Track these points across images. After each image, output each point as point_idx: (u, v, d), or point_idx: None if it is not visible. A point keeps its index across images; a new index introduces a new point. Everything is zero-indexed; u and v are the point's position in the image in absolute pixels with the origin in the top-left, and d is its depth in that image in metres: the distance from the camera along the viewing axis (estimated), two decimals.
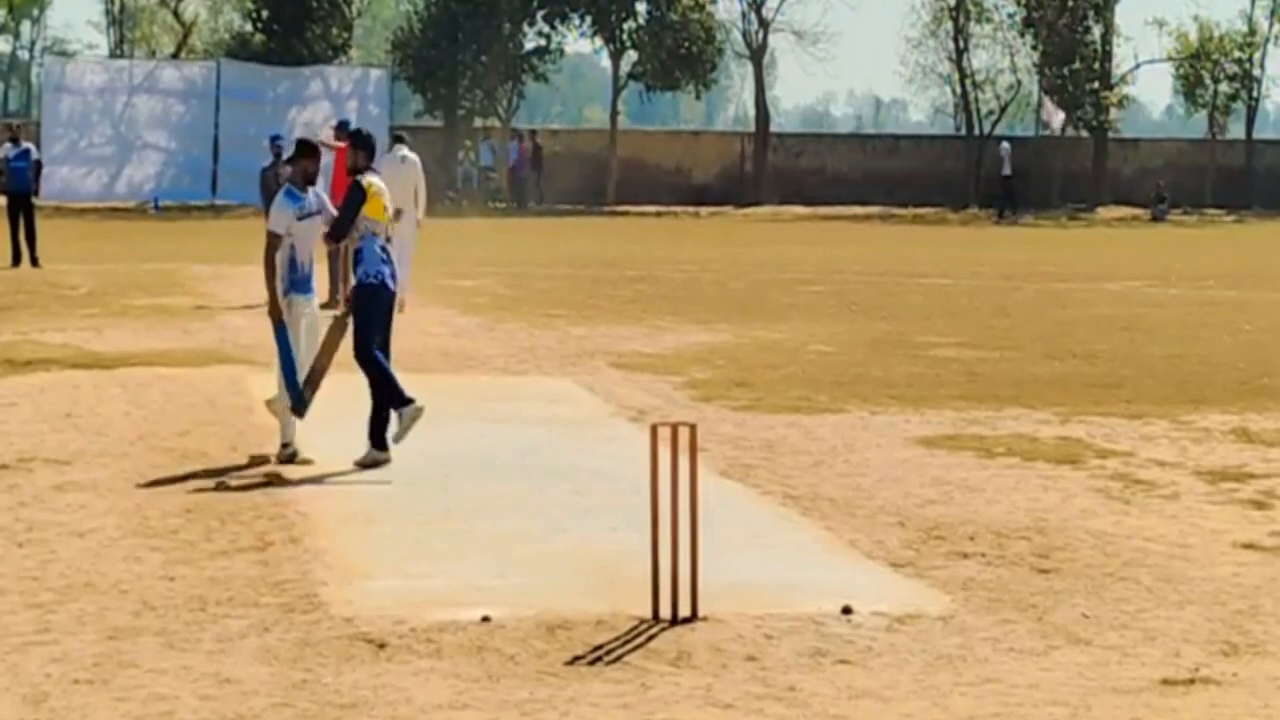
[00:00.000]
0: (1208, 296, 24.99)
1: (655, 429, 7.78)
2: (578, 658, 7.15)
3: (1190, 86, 58.72)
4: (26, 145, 27.79)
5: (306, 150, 11.76)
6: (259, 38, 53.37)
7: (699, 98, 66.50)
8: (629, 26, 54.78)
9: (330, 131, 21.54)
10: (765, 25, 57.17)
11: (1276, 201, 54.65)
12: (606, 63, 58.82)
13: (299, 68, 50.30)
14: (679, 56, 54.42)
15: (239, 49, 53.58)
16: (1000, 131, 57.25)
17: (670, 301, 22.80)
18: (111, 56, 62.63)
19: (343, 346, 11.56)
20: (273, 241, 11.35)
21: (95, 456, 11.28)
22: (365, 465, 11.13)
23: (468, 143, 52.21)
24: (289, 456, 11.24)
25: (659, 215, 48.70)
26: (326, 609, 7.78)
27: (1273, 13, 58.97)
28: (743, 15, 56.97)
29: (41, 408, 13.21)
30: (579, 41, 58.14)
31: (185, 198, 47.45)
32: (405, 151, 20.87)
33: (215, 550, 8.87)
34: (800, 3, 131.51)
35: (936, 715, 6.54)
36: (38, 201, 28.15)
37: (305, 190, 11.59)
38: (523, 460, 11.42)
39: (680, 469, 7.71)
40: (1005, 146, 52.09)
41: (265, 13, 53.10)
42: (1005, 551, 9.14)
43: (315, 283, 11.77)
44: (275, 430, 11.86)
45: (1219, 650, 7.42)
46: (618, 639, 7.39)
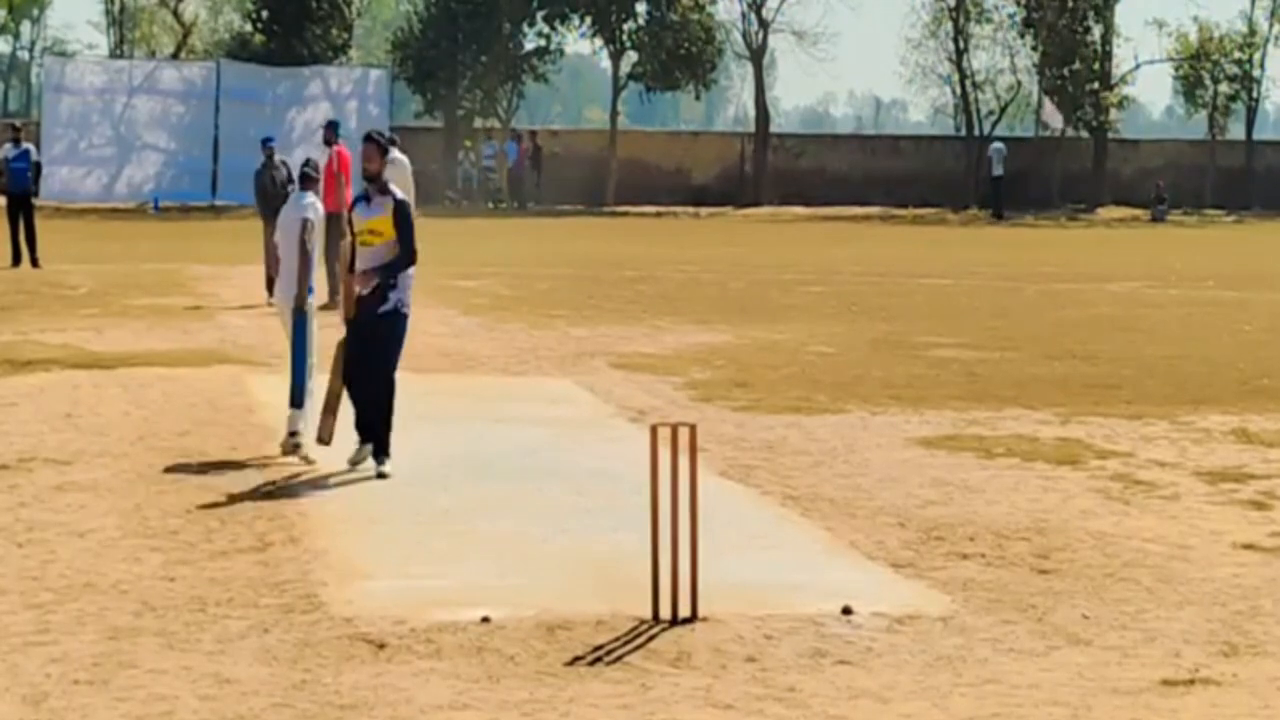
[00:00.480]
0: (1208, 296, 24.99)
1: (655, 429, 7.78)
2: (578, 658, 7.15)
3: (1190, 87, 58.72)
4: (27, 146, 27.78)
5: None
6: (259, 38, 53.36)
7: (699, 98, 66.48)
8: (629, 27, 54.77)
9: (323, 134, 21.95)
10: (765, 25, 57.17)
11: (1276, 201, 54.64)
12: (606, 63, 58.81)
13: (299, 68, 50.29)
14: (679, 57, 54.41)
15: (239, 49, 53.57)
16: (1000, 132, 57.24)
17: (670, 302, 22.80)
18: (111, 57, 62.62)
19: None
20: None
21: (95, 456, 11.28)
22: (356, 462, 11.09)
23: (468, 142, 52.21)
24: (294, 446, 11.36)
25: (659, 215, 48.70)
26: (326, 609, 7.78)
27: (1273, 13, 58.96)
28: (743, 15, 57.00)
29: (41, 408, 13.21)
30: (579, 42, 58.22)
31: (185, 198, 47.41)
32: (395, 154, 21.21)
33: (215, 550, 8.87)
34: (800, 3, 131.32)
35: (936, 715, 6.54)
36: (37, 202, 28.15)
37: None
38: (523, 460, 11.42)
39: (680, 469, 7.71)
40: (997, 147, 52.06)
41: (265, 13, 53.08)
42: (1005, 552, 9.14)
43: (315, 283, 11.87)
44: (275, 431, 11.90)
45: (1219, 650, 7.42)
46: (618, 639, 7.39)
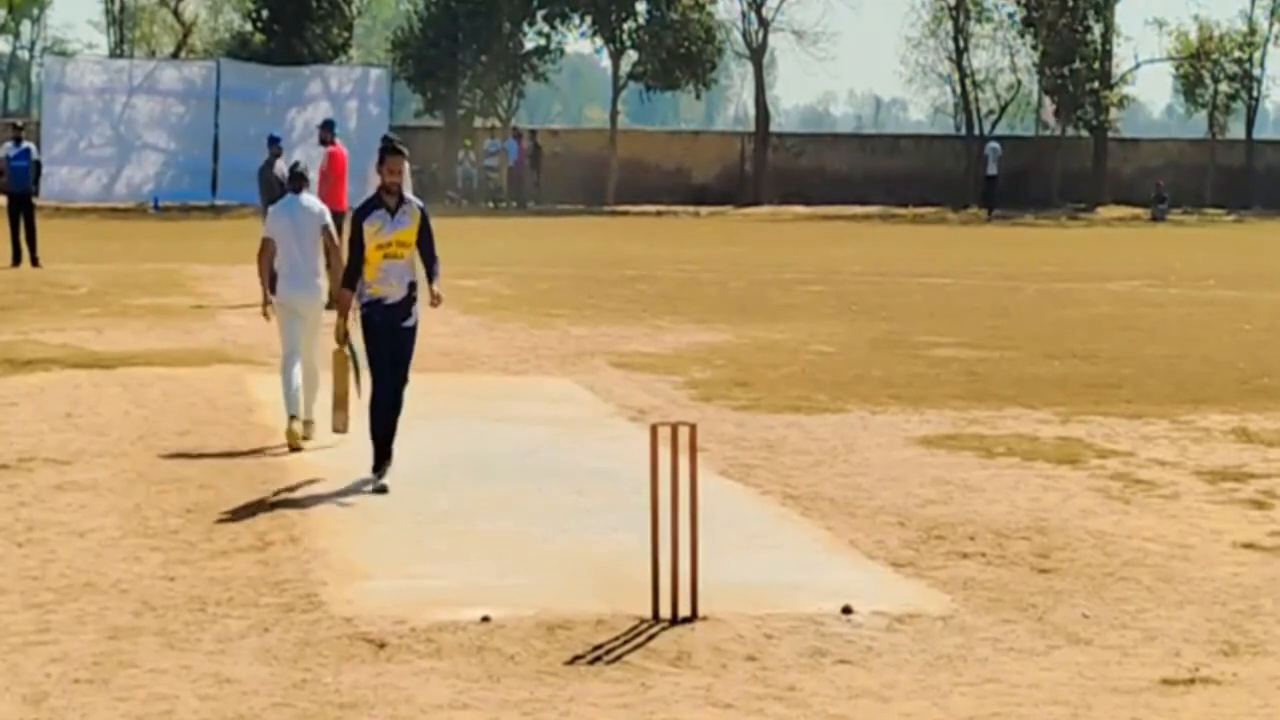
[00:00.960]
0: (1208, 296, 24.99)
1: (655, 429, 7.78)
2: (578, 658, 7.15)
3: (1190, 86, 58.71)
4: (27, 145, 27.76)
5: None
6: (259, 38, 53.35)
7: (699, 97, 66.49)
8: (629, 26, 54.77)
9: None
10: (765, 25, 57.17)
11: (1276, 201, 54.63)
12: (606, 63, 58.79)
13: (299, 68, 50.27)
14: (679, 56, 54.41)
15: (239, 49, 53.56)
16: (1000, 131, 57.26)
17: (670, 301, 22.80)
18: (111, 56, 62.63)
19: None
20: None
21: (95, 456, 11.28)
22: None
23: (467, 142, 52.20)
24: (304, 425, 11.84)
25: (659, 215, 48.69)
26: (326, 609, 7.78)
27: (1273, 13, 58.94)
28: (743, 15, 57.01)
29: (41, 408, 13.21)
30: (579, 41, 58.17)
31: (185, 198, 47.39)
32: None
33: (215, 550, 8.87)
34: (800, 3, 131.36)
35: (936, 715, 6.54)
36: (37, 201, 28.13)
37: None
38: (523, 460, 11.42)
39: (680, 469, 7.71)
40: (993, 146, 52.05)
41: (265, 13, 53.08)
42: (1005, 551, 9.14)
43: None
44: (275, 431, 11.95)
45: (1219, 650, 7.42)
46: (618, 639, 7.39)
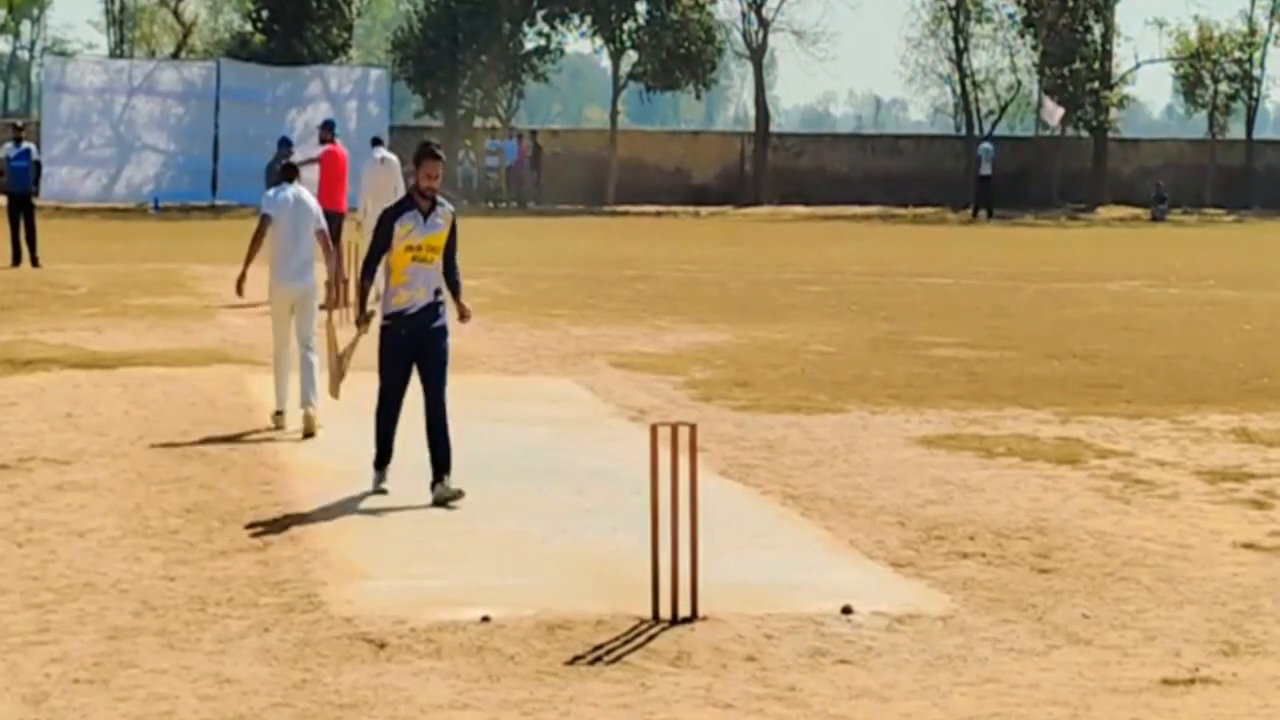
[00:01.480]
0: (1208, 296, 24.99)
1: (655, 429, 7.79)
2: (578, 658, 7.15)
3: (1190, 86, 58.72)
4: (27, 145, 27.75)
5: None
6: (259, 38, 53.36)
7: (699, 97, 66.49)
8: (629, 26, 54.78)
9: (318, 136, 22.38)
10: (765, 25, 57.18)
11: (1276, 201, 54.64)
12: (606, 63, 58.80)
13: (299, 68, 50.28)
14: (679, 56, 54.42)
15: (239, 49, 53.57)
16: (1000, 131, 57.27)
17: (670, 301, 22.80)
18: (111, 56, 62.63)
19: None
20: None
21: (95, 456, 11.28)
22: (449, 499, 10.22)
23: (468, 142, 52.20)
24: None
25: (659, 215, 48.69)
26: (326, 609, 7.78)
27: (1273, 13, 58.96)
28: (743, 15, 57.05)
29: (41, 408, 13.21)
30: (579, 41, 58.18)
31: (185, 198, 47.40)
32: (384, 153, 22.34)
33: (215, 550, 8.87)
34: (800, 3, 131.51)
35: (936, 715, 6.54)
36: (37, 202, 28.12)
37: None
38: (523, 460, 11.42)
39: (680, 469, 7.71)
40: (985, 147, 52.01)
41: (265, 13, 53.09)
42: (1005, 551, 9.14)
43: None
44: (275, 430, 12.03)
45: (1219, 650, 7.42)
46: (618, 639, 7.39)
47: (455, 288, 10.45)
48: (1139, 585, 8.49)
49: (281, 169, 12.90)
